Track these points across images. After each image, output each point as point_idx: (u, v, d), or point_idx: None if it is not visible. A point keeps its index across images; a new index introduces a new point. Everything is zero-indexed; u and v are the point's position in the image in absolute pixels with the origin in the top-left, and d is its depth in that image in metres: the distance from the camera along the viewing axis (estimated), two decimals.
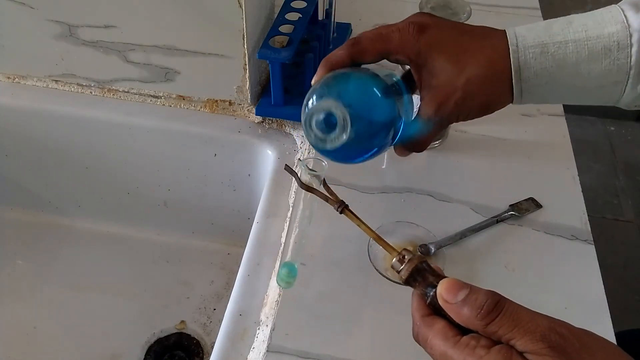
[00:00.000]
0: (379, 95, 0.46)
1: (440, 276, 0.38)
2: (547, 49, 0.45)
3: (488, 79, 0.46)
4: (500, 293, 0.35)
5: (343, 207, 0.45)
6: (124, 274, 0.83)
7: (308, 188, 0.47)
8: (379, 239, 0.43)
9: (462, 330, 0.35)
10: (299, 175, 0.49)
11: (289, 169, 0.49)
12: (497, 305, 0.33)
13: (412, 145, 0.50)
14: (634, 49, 0.43)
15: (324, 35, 0.74)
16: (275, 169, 0.68)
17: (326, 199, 0.46)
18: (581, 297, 0.55)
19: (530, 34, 0.46)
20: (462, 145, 0.68)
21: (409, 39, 0.47)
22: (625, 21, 0.44)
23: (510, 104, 0.50)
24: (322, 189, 0.48)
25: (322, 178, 0.49)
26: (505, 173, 0.65)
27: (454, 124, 0.68)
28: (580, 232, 0.60)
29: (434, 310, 0.37)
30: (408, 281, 0.39)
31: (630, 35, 0.43)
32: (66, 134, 0.77)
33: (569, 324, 0.33)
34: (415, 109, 0.54)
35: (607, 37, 0.44)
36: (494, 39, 0.47)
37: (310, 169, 0.49)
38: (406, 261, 0.39)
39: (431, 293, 0.37)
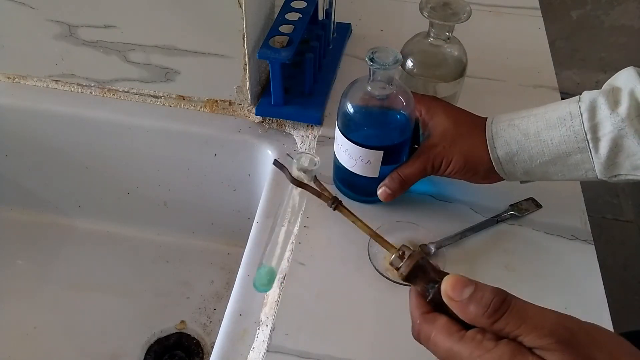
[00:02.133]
0: None
1: (441, 272, 0.37)
2: (514, 122, 0.55)
3: (469, 142, 0.56)
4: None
5: (337, 204, 0.44)
6: (124, 274, 0.83)
7: (299, 183, 0.46)
8: (376, 236, 0.42)
9: (465, 326, 0.35)
10: (289, 170, 0.47)
11: (278, 164, 0.47)
12: (504, 302, 0.33)
13: (394, 182, 0.58)
14: (584, 117, 0.50)
15: (324, 35, 0.74)
16: (275, 169, 0.68)
17: (319, 194, 0.45)
18: (581, 297, 0.55)
19: (504, 115, 0.56)
20: None
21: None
22: (578, 99, 0.52)
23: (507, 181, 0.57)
24: (313, 185, 0.46)
25: (314, 174, 0.47)
26: None
27: None
28: (580, 232, 0.60)
29: (435, 307, 0.36)
30: (408, 277, 0.38)
31: (580, 106, 0.51)
32: (66, 134, 0.77)
33: (576, 318, 0.33)
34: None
35: (561, 110, 0.52)
36: (476, 117, 0.58)
37: (301, 164, 0.48)
38: (406, 257, 0.38)
39: (432, 289, 0.36)
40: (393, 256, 0.39)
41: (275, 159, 0.48)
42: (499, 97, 0.75)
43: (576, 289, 0.55)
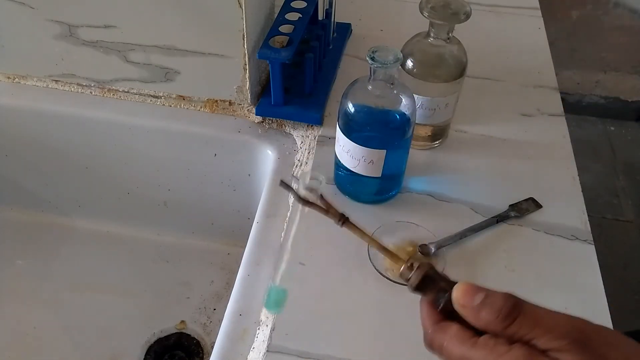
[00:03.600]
0: None
1: (450, 281, 0.38)
2: None
3: None
4: None
5: (344, 220, 0.45)
6: (124, 274, 0.83)
7: (306, 202, 0.46)
8: (383, 249, 0.43)
9: (477, 333, 0.35)
10: (295, 190, 0.48)
11: (284, 185, 0.48)
12: (515, 306, 0.33)
13: None
14: None
15: (324, 35, 0.74)
16: (275, 169, 0.68)
17: (326, 212, 0.46)
18: (581, 297, 0.55)
19: None
20: (462, 145, 0.68)
21: None
22: None
23: None
24: (319, 203, 0.47)
25: (320, 192, 0.48)
26: (505, 173, 0.65)
27: (454, 123, 0.69)
28: (580, 232, 0.60)
29: (446, 315, 0.37)
30: (419, 288, 0.38)
31: None
32: (66, 134, 0.77)
33: (587, 320, 0.33)
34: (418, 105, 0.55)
35: None
36: None
37: (307, 184, 0.48)
38: (415, 268, 0.39)
39: (443, 299, 0.37)
40: (402, 268, 0.40)
41: (281, 180, 0.48)
42: (499, 97, 0.75)
43: (576, 289, 0.55)
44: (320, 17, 0.76)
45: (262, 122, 0.73)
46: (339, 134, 0.58)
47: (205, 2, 0.64)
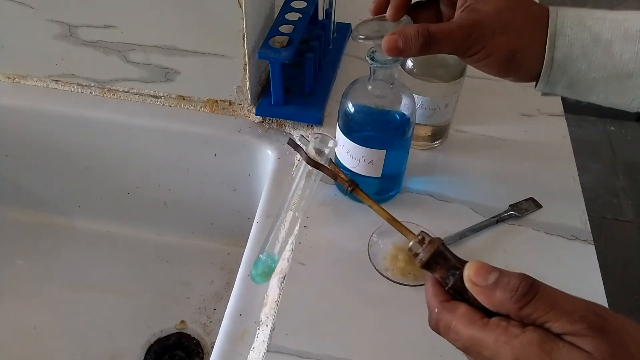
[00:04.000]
0: None
1: (462, 260, 0.36)
2: (585, 22, 0.45)
3: (526, 27, 0.46)
4: None
5: (354, 186, 0.43)
6: (124, 274, 0.83)
7: (315, 164, 0.44)
8: (393, 221, 0.41)
9: (486, 314, 0.33)
10: (305, 150, 0.45)
11: (292, 143, 0.45)
12: (532, 287, 0.32)
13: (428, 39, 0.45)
14: None
15: (324, 35, 0.74)
16: (275, 169, 0.68)
17: (335, 176, 0.44)
18: (581, 297, 0.54)
19: (572, 10, 0.47)
20: (462, 145, 0.68)
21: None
22: None
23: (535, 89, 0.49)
24: (330, 167, 0.45)
25: (329, 157, 0.47)
26: (505, 173, 0.65)
27: (454, 123, 0.69)
28: (580, 232, 0.60)
29: (454, 295, 0.35)
30: (428, 264, 0.36)
31: None
32: (66, 134, 0.77)
33: (605, 306, 0.32)
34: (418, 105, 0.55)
35: None
36: (539, 6, 0.47)
37: (317, 145, 0.47)
38: (426, 243, 0.36)
39: (453, 277, 0.35)
40: (412, 241, 0.37)
41: (290, 139, 0.46)
42: (499, 97, 0.75)
43: (576, 289, 0.55)
44: (320, 17, 0.76)
45: (262, 122, 0.73)
46: (338, 134, 0.58)
47: (205, 2, 0.64)
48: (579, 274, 0.56)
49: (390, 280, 0.55)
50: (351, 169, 0.59)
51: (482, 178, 0.65)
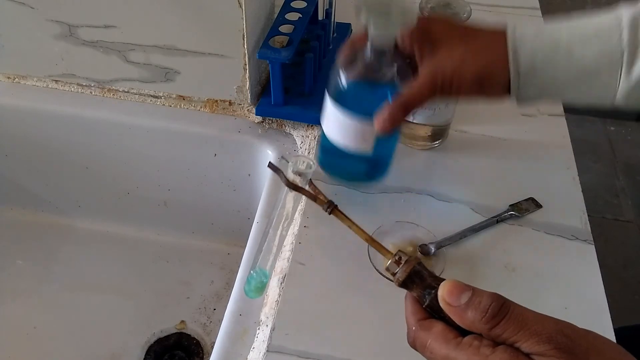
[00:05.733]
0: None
1: (438, 278, 0.37)
2: (541, 32, 0.48)
3: (484, 50, 0.49)
4: (500, 294, 0.34)
5: (333, 207, 0.43)
6: (123, 274, 0.83)
7: (295, 187, 0.44)
8: (372, 241, 0.42)
9: (461, 332, 0.34)
10: (284, 173, 0.45)
11: (272, 167, 0.46)
12: (502, 308, 0.33)
13: (398, 106, 0.50)
14: (625, 32, 0.45)
15: (324, 35, 0.74)
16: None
17: (314, 198, 0.43)
18: (581, 297, 0.55)
19: (529, 24, 0.50)
20: (462, 145, 0.68)
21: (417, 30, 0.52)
22: (616, 12, 0.47)
23: (511, 105, 0.52)
24: (308, 189, 0.45)
25: (309, 177, 0.47)
26: (505, 173, 0.65)
27: (454, 123, 0.69)
28: (580, 232, 0.60)
29: (431, 313, 0.36)
30: (405, 283, 0.37)
31: (621, 20, 0.46)
32: (66, 134, 0.77)
33: (573, 324, 0.33)
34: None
35: (598, 24, 0.47)
36: (493, 27, 0.50)
37: (297, 167, 0.47)
38: (403, 263, 0.38)
39: (429, 295, 0.36)
40: (389, 261, 0.39)
41: (270, 162, 0.47)
42: None
43: (576, 289, 0.55)
44: (320, 17, 0.76)
45: (262, 122, 0.73)
46: (329, 108, 0.56)
47: (205, 2, 0.64)
48: (579, 274, 0.56)
49: (390, 280, 0.54)
50: (340, 142, 0.56)
51: (482, 178, 0.65)
